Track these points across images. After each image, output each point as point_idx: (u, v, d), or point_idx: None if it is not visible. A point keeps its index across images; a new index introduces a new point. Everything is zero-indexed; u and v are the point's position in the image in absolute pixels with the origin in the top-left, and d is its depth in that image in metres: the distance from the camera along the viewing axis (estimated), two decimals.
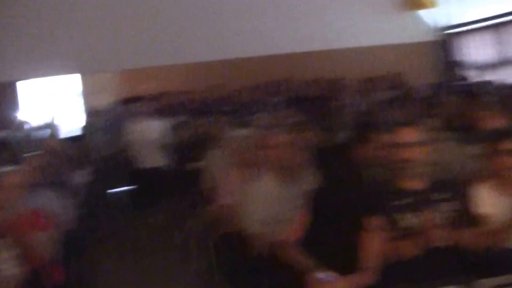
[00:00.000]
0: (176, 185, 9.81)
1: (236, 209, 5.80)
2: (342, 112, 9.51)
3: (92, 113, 13.88)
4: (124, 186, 11.79)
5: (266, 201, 5.24)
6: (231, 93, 14.77)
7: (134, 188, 11.15)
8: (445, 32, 16.49)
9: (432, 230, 3.92)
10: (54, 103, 14.70)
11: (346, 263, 4.00)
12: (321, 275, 3.85)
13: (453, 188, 4.22)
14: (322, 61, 15.33)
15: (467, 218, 4.15)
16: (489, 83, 12.52)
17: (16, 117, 13.87)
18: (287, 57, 15.26)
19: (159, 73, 15.00)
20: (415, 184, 4.17)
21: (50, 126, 12.36)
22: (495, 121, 5.58)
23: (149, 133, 10.59)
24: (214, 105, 13.74)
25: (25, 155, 6.80)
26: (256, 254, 5.20)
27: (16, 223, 4.94)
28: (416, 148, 4.11)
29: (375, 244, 3.98)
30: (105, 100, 14.65)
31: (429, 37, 16.40)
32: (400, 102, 9.24)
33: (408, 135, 4.16)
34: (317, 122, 6.24)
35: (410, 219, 4.10)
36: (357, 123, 6.08)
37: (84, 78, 15.30)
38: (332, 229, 4.11)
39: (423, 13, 16.36)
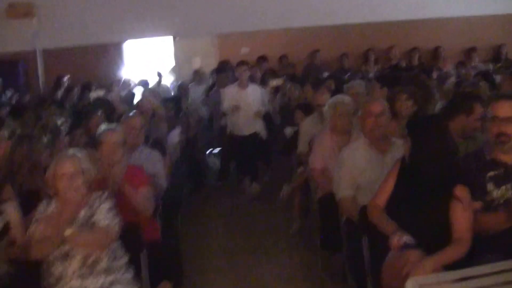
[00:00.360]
0: (272, 150, 10.15)
1: (329, 174, 5.92)
2: (442, 82, 9.44)
3: (189, 76, 14.07)
4: (217, 149, 11.98)
5: (359, 166, 5.32)
6: (329, 59, 14.84)
7: (228, 153, 10.69)
8: None
9: None
10: (153, 65, 14.96)
11: (435, 233, 4.05)
12: (405, 238, 3.90)
13: None
14: (423, 30, 15.23)
15: None
16: None
17: (119, 77, 14.29)
18: (387, 26, 15.18)
19: (257, 38, 15.12)
20: (508, 158, 4.16)
21: (149, 86, 12.65)
22: None
23: (246, 98, 10.11)
24: (312, 71, 13.84)
25: (125, 114, 7.02)
26: (346, 218, 5.32)
27: (117, 178, 5.17)
28: None
29: (465, 215, 4.01)
30: (202, 63, 14.92)
31: None
32: (500, 74, 9.07)
33: (508, 109, 4.15)
34: (414, 92, 6.19)
35: (501, 192, 4.11)
36: (456, 94, 6.06)
37: (182, 41, 15.49)
38: (421, 198, 4.13)
39: None
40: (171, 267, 5.39)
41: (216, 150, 11.94)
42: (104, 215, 4.38)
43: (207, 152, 12.02)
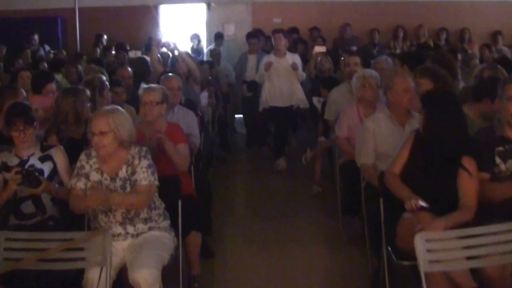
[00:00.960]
0: (302, 118, 10.66)
1: (353, 142, 6.33)
2: (466, 63, 9.74)
3: (221, 42, 14.40)
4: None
5: (380, 136, 5.73)
6: (358, 34, 15.16)
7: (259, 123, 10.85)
8: None
9: None
10: (187, 30, 15.35)
11: (444, 199, 4.48)
12: (420, 202, 4.32)
13: None
14: (451, 11, 15.46)
15: None
16: None
17: (158, 38, 14.65)
18: (417, 4, 15.46)
19: (289, 9, 15.42)
20: None
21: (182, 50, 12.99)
22: None
23: (283, 67, 9.94)
24: (341, 44, 14.16)
25: (164, 75, 7.43)
26: (366, 183, 5.75)
27: (157, 134, 5.59)
28: None
29: (471, 184, 4.43)
30: (235, 30, 15.30)
31: None
32: None
33: None
34: (434, 71, 6.55)
35: (508, 165, 4.52)
36: (481, 79, 6.43)
37: (216, 8, 15.83)
38: (433, 167, 4.57)
39: None
40: (202, 219, 5.80)
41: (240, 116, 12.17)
42: (145, 173, 4.68)
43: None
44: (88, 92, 6.11)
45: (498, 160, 4.57)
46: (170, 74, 7.34)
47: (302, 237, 7.06)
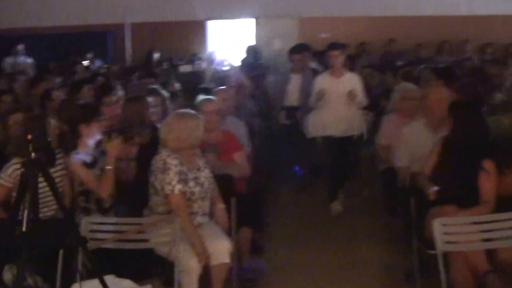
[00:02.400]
0: None
1: (391, 149, 7.25)
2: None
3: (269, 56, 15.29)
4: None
5: (415, 143, 6.66)
6: (404, 49, 15.91)
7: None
8: None
9: None
10: (236, 45, 16.39)
11: (468, 195, 5.40)
12: (435, 187, 5.38)
13: None
14: (498, 25, 16.31)
15: None
16: None
17: (210, 54, 15.72)
18: (462, 19, 16.35)
19: (336, 24, 16.31)
20: None
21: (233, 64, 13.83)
22: None
23: (340, 89, 8.91)
24: (388, 59, 14.99)
25: (215, 87, 8.44)
26: (402, 184, 6.68)
27: (216, 142, 6.59)
28: None
29: (490, 183, 5.33)
30: (283, 45, 16.21)
31: None
32: None
33: None
34: (465, 85, 7.51)
35: None
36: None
37: (264, 23, 16.86)
38: (459, 167, 5.55)
39: None
40: (253, 216, 6.72)
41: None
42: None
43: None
44: (150, 99, 7.19)
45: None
46: (224, 86, 8.34)
47: (349, 236, 7.98)
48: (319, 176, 10.09)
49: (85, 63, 14.59)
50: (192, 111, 5.95)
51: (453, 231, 4.85)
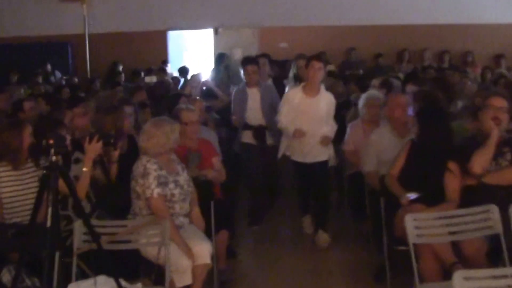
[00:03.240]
0: None
1: (359, 156, 7.77)
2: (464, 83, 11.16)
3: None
4: None
5: (382, 147, 7.21)
6: (364, 58, 16.68)
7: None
8: None
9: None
10: (195, 55, 16.90)
11: (434, 194, 5.96)
12: (409, 195, 5.87)
13: None
14: (454, 34, 17.02)
15: None
16: None
17: (167, 63, 16.16)
18: (421, 28, 16.98)
19: (296, 34, 16.84)
20: None
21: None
22: None
23: (314, 111, 8.13)
24: (347, 68, 15.54)
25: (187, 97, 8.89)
26: (370, 188, 7.19)
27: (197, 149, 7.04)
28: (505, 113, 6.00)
29: (455, 183, 5.93)
30: (243, 55, 16.62)
31: None
32: None
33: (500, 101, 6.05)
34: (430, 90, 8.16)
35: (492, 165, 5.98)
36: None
37: (223, 33, 17.36)
38: (425, 169, 6.12)
39: None
40: (229, 220, 7.20)
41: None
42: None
43: None
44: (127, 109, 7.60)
45: None
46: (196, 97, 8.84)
47: (312, 239, 8.38)
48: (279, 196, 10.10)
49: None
50: (166, 117, 6.44)
51: (423, 225, 5.34)
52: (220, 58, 13.49)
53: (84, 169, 5.93)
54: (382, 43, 16.82)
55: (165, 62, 16.22)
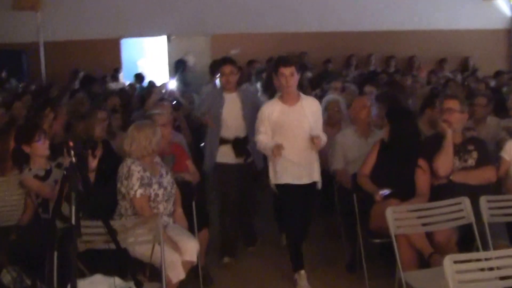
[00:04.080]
0: None
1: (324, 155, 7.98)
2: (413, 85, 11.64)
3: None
4: None
5: (347, 147, 7.60)
6: (314, 63, 16.87)
7: None
8: None
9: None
10: (149, 62, 17.16)
11: (405, 189, 6.33)
12: (382, 191, 6.27)
13: (478, 144, 6.49)
14: (399, 40, 17.71)
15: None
16: None
17: (119, 71, 16.30)
18: (368, 35, 17.54)
19: (248, 39, 17.09)
20: (456, 139, 6.38)
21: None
22: None
23: (286, 120, 6.94)
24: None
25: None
26: (339, 185, 7.55)
27: (171, 152, 7.24)
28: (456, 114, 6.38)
29: (425, 178, 6.32)
30: (195, 61, 16.99)
31: (503, 25, 18.71)
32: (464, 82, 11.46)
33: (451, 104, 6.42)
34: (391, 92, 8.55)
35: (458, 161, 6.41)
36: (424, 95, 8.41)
37: (176, 40, 17.52)
38: (396, 167, 6.50)
39: (499, 2, 18.56)
40: (207, 219, 7.38)
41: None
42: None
43: None
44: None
45: None
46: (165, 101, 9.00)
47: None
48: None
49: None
50: (148, 121, 6.64)
51: (402, 217, 5.70)
52: (179, 65, 13.60)
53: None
54: (331, 49, 17.24)
55: (117, 70, 16.32)
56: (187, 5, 16.84)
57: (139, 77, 15.72)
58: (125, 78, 16.39)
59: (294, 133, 6.72)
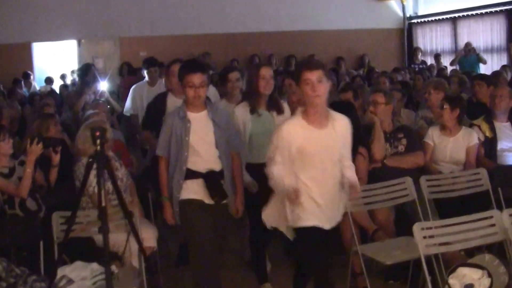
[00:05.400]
0: None
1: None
2: None
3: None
4: None
5: None
6: (219, 63, 17.07)
7: None
8: (410, 21, 19.92)
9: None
10: (60, 66, 17.22)
11: None
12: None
13: (407, 131, 7.10)
14: (299, 40, 18.47)
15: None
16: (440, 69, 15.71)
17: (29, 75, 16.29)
18: (269, 35, 18.31)
19: (154, 42, 17.35)
20: (386, 128, 7.00)
21: None
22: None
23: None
24: None
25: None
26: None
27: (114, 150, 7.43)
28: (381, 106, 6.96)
29: (364, 164, 6.80)
30: (105, 64, 17.20)
31: (396, 25, 19.87)
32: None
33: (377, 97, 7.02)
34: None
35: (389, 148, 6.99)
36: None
37: (86, 44, 17.73)
38: None
39: (392, 3, 19.75)
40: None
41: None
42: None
43: None
44: None
45: None
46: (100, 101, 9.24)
47: None
48: None
49: None
50: (97, 119, 6.90)
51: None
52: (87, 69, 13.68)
53: (28, 170, 6.30)
54: (233, 50, 17.85)
55: (27, 74, 16.21)
56: (96, 9, 16.99)
57: (50, 80, 15.79)
58: (36, 82, 16.44)
59: (323, 167, 5.03)
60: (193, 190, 5.66)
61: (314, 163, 4.96)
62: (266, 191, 5.33)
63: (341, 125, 5.14)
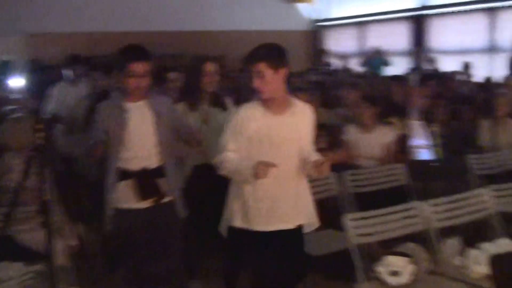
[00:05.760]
0: None
1: None
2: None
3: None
4: None
5: None
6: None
7: None
8: (317, 24, 20.43)
9: None
10: None
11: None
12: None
13: (329, 130, 7.48)
14: (210, 39, 18.68)
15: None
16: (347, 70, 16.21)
17: None
18: (181, 34, 18.56)
19: (64, 39, 17.35)
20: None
21: None
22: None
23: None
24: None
25: None
26: None
27: None
28: None
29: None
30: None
31: (305, 27, 20.32)
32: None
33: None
34: None
35: None
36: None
37: None
38: None
39: (300, 6, 20.26)
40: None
41: None
42: None
43: None
44: None
45: None
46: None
47: None
48: None
49: None
50: (22, 115, 6.50)
51: None
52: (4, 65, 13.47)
53: None
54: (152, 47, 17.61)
55: None
56: (4, 5, 16.81)
57: None
58: None
59: (280, 155, 4.53)
60: (124, 197, 4.98)
61: (271, 150, 4.49)
62: (218, 196, 4.90)
63: (302, 112, 4.72)
